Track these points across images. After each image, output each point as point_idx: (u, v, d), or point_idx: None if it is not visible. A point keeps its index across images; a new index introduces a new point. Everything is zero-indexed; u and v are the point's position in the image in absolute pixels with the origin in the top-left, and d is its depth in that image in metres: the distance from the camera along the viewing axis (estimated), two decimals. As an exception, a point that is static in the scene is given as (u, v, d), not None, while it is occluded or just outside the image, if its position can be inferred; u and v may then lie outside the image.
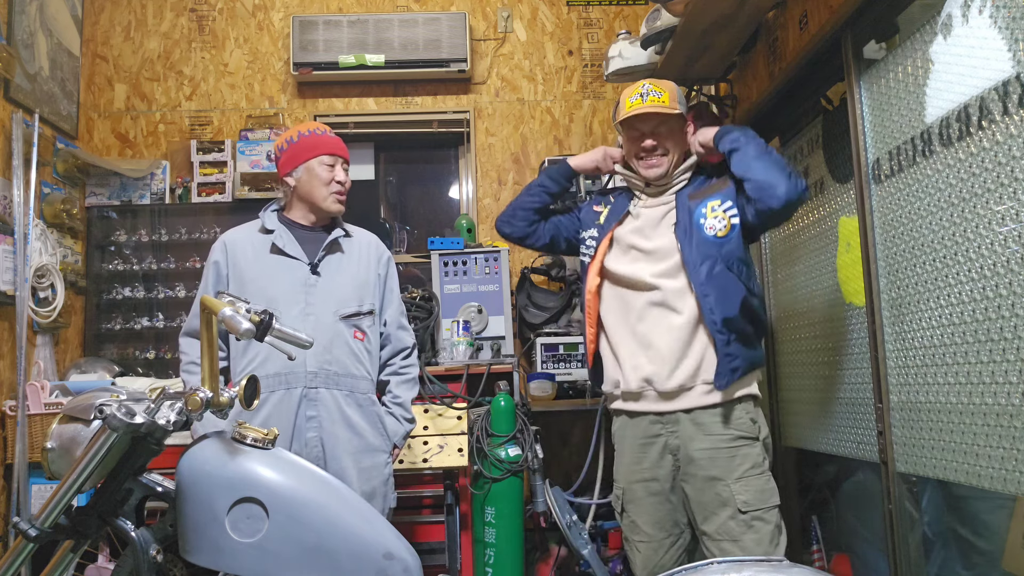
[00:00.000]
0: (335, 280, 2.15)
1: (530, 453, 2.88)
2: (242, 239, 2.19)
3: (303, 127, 2.23)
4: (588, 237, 2.19)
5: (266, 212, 2.24)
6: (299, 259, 2.14)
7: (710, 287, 1.93)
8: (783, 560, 1.31)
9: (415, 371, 2.34)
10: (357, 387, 2.13)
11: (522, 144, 3.96)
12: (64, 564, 1.36)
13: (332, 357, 2.08)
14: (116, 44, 3.90)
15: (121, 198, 3.68)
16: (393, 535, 1.39)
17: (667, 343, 1.98)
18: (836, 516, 2.55)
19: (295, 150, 2.18)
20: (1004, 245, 1.55)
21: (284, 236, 2.17)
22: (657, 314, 2.00)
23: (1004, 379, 1.56)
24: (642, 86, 2.07)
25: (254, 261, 2.13)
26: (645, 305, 2.02)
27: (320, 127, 2.24)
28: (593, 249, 2.14)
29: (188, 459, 1.37)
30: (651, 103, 2.03)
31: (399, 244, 4.05)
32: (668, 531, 2.01)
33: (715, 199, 2.01)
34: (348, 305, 2.15)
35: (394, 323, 2.30)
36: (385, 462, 2.18)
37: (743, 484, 1.91)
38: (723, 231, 1.97)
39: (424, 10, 3.97)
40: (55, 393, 2.88)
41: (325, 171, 2.17)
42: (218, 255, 2.17)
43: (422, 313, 3.24)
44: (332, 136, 2.24)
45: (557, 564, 3.10)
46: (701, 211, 2.00)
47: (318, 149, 2.18)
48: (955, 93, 1.70)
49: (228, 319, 1.31)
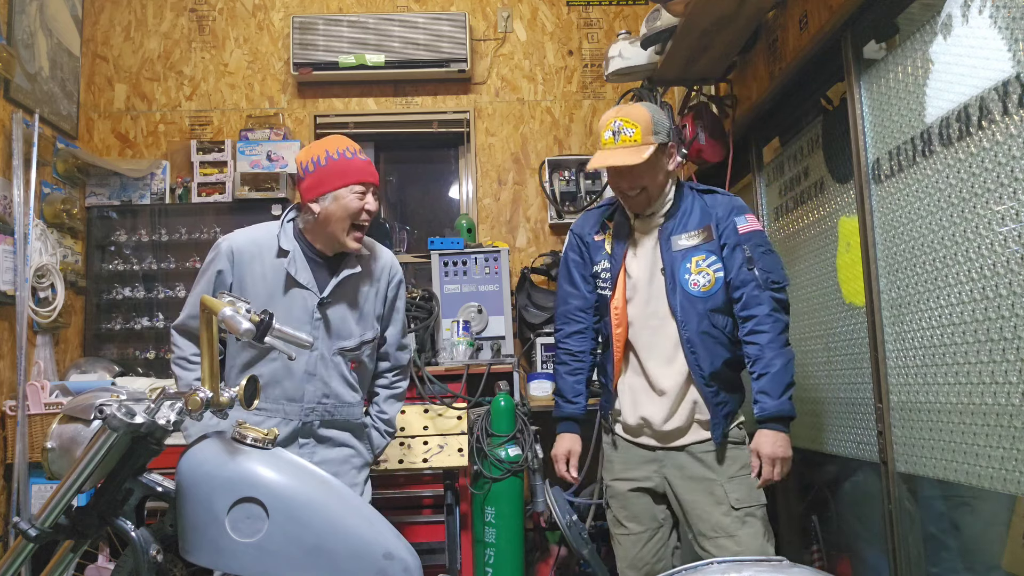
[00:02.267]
0: (342, 315, 2.07)
1: (530, 453, 2.88)
2: (252, 253, 2.03)
3: (331, 145, 2.00)
4: (602, 271, 2.11)
5: (284, 227, 2.06)
6: (310, 289, 2.02)
7: (697, 343, 1.97)
8: (783, 560, 1.31)
9: (405, 384, 2.33)
10: (352, 415, 2.12)
11: (522, 144, 3.96)
12: (64, 564, 1.36)
13: (329, 390, 2.05)
14: (116, 44, 3.90)
15: (121, 198, 3.68)
16: (393, 535, 1.39)
17: (667, 386, 2.01)
18: (836, 516, 2.55)
19: (323, 174, 1.97)
20: (1004, 245, 1.55)
21: (298, 262, 2.02)
22: (658, 355, 2.03)
23: (1004, 379, 1.56)
24: (613, 123, 1.96)
25: (261, 280, 2.02)
26: (649, 343, 2.04)
27: (351, 147, 2.02)
28: (610, 284, 2.08)
29: (188, 459, 1.37)
30: (623, 143, 1.93)
31: (399, 244, 4.05)
32: (646, 525, 2.05)
33: (700, 253, 2.00)
34: (350, 340, 2.08)
35: (394, 343, 2.25)
36: (365, 479, 2.18)
37: (735, 483, 1.95)
38: (707, 286, 1.98)
39: (424, 10, 3.97)
40: (55, 393, 2.89)
41: (355, 200, 1.97)
42: (223, 263, 2.01)
43: (422, 313, 3.24)
44: (364, 159, 2.02)
45: (557, 564, 3.10)
46: (686, 266, 1.99)
47: (349, 176, 1.97)
48: (955, 93, 1.70)
49: (228, 319, 1.31)
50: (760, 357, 1.92)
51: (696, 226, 2.02)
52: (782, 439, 1.90)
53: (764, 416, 1.90)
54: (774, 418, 1.90)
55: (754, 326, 1.94)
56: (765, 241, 2.01)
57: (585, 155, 3.86)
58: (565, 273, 2.18)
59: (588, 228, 2.16)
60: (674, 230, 2.03)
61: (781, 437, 1.90)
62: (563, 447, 2.13)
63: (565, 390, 2.15)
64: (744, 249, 1.97)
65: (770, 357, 1.91)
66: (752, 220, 2.02)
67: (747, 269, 1.95)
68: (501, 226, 3.92)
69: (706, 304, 1.97)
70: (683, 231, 2.02)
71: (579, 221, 2.22)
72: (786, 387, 1.90)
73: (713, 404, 1.97)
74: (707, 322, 1.97)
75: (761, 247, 1.98)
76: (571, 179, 3.79)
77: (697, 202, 2.05)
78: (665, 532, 2.06)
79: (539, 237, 3.91)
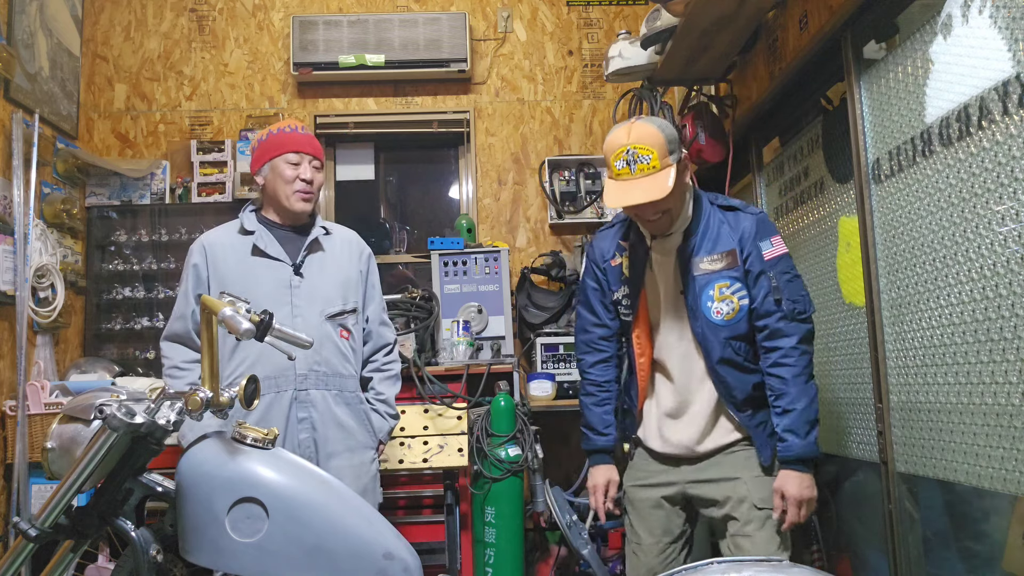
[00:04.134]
0: (319, 280, 2.14)
1: (530, 453, 2.88)
2: (221, 240, 2.15)
3: (276, 124, 2.19)
4: (623, 297, 2.03)
5: (245, 212, 2.21)
6: (281, 260, 2.12)
7: (723, 371, 1.91)
8: (783, 560, 1.32)
9: (397, 367, 2.34)
10: (345, 386, 2.13)
11: (522, 144, 3.96)
12: (64, 564, 1.36)
13: (321, 358, 2.08)
14: (116, 44, 3.90)
15: (121, 198, 3.68)
16: (393, 535, 1.39)
17: (696, 411, 1.96)
18: (836, 516, 2.55)
19: (264, 148, 2.15)
20: (1004, 245, 1.55)
21: (265, 237, 2.14)
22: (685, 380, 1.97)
23: (1004, 379, 1.56)
24: (625, 151, 1.80)
25: (236, 263, 2.11)
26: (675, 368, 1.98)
27: (292, 124, 2.20)
28: (632, 311, 2.01)
29: (188, 459, 1.37)
30: (640, 172, 1.79)
31: (399, 244, 4.05)
32: (658, 538, 2.00)
33: (723, 280, 1.91)
34: (333, 304, 2.14)
35: (376, 319, 2.29)
36: (372, 459, 2.19)
37: (759, 482, 1.91)
38: (731, 314, 1.90)
39: (424, 10, 3.97)
40: (55, 393, 2.88)
41: (289, 169, 2.12)
42: (197, 258, 2.12)
43: (422, 313, 3.24)
44: (301, 133, 2.18)
45: (557, 564, 3.10)
46: (709, 293, 1.91)
47: (284, 147, 2.13)
48: (955, 93, 1.70)
49: (228, 319, 1.31)
50: (785, 393, 1.86)
51: (719, 249, 1.93)
52: (808, 480, 1.84)
53: (790, 457, 1.84)
54: (800, 459, 1.84)
55: (779, 358, 1.87)
56: (791, 267, 1.93)
57: (585, 155, 3.86)
58: (584, 300, 2.11)
59: (604, 253, 2.07)
60: (695, 251, 1.93)
61: (807, 479, 1.84)
62: (601, 478, 2.04)
63: (594, 422, 2.07)
64: (770, 278, 1.89)
65: (796, 393, 1.84)
66: (778, 243, 1.93)
67: (773, 299, 1.88)
68: (501, 226, 3.92)
69: (728, 332, 1.90)
70: (705, 253, 1.92)
71: (594, 245, 2.12)
72: (812, 426, 1.84)
73: (752, 426, 1.92)
74: (729, 350, 1.90)
75: (787, 274, 1.90)
76: (571, 179, 3.79)
77: (719, 221, 1.95)
78: (679, 545, 2.02)
79: (539, 237, 3.91)
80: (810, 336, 1.90)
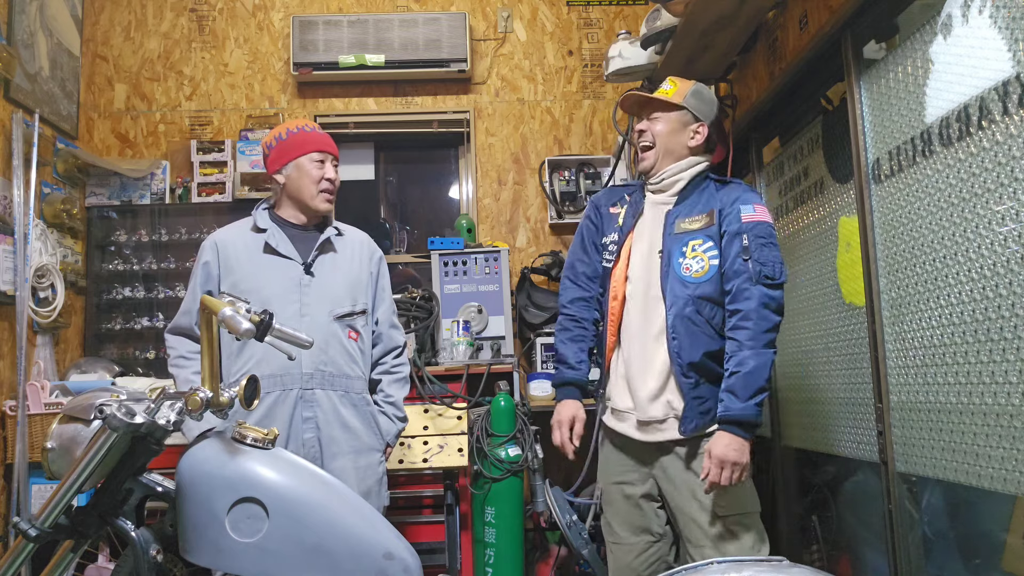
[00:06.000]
0: (329, 280, 2.14)
1: (530, 453, 2.88)
2: (233, 238, 2.16)
3: (292, 124, 2.20)
4: (610, 243, 2.10)
5: (258, 210, 2.21)
6: (292, 259, 2.12)
7: (679, 328, 1.90)
8: (783, 560, 1.31)
9: (406, 370, 2.34)
10: (352, 387, 2.13)
11: (522, 144, 3.96)
12: (64, 564, 1.36)
13: (327, 358, 2.08)
14: (116, 44, 3.90)
15: (121, 198, 3.68)
16: (393, 535, 1.39)
17: (654, 370, 1.95)
18: (836, 516, 2.55)
19: (284, 147, 2.15)
20: (1004, 245, 1.55)
21: (277, 235, 2.14)
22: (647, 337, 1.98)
23: (1004, 379, 1.56)
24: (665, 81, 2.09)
25: (247, 261, 2.11)
26: (641, 324, 1.99)
27: (309, 124, 2.22)
28: (614, 256, 2.06)
29: (188, 459, 1.37)
30: (658, 93, 2.05)
31: (399, 244, 4.05)
32: (638, 536, 2.00)
33: (697, 238, 1.94)
34: (342, 305, 2.14)
35: (386, 322, 2.29)
36: (379, 461, 2.18)
37: (720, 490, 1.85)
38: (700, 272, 1.91)
39: (424, 10, 3.97)
40: (55, 393, 2.89)
41: (315, 168, 2.14)
42: (208, 255, 2.13)
43: (422, 313, 3.24)
44: (321, 133, 2.21)
45: (557, 564, 3.10)
46: (681, 250, 1.94)
47: (307, 146, 2.14)
48: (955, 93, 1.70)
49: (228, 319, 1.31)
50: (735, 355, 1.82)
51: (701, 211, 1.98)
52: (737, 443, 1.78)
53: (724, 417, 1.80)
54: (735, 421, 1.79)
55: (738, 320, 1.84)
56: (768, 233, 1.91)
57: (585, 155, 3.86)
58: (578, 239, 2.19)
59: (607, 199, 2.19)
60: (680, 214, 2.00)
61: (737, 441, 1.78)
62: (566, 412, 2.02)
63: (567, 355, 2.08)
64: (743, 238, 1.88)
65: (745, 355, 1.80)
66: (760, 210, 1.93)
67: (742, 259, 1.86)
68: (501, 226, 3.92)
69: (695, 290, 1.90)
70: (688, 215, 1.99)
71: (601, 192, 2.27)
72: (756, 391, 1.79)
73: (690, 397, 1.88)
74: (692, 308, 1.89)
75: (762, 238, 1.88)
76: (571, 179, 3.79)
77: (712, 192, 2.03)
78: (663, 546, 2.01)
79: (539, 237, 3.91)
80: (774, 303, 1.85)
